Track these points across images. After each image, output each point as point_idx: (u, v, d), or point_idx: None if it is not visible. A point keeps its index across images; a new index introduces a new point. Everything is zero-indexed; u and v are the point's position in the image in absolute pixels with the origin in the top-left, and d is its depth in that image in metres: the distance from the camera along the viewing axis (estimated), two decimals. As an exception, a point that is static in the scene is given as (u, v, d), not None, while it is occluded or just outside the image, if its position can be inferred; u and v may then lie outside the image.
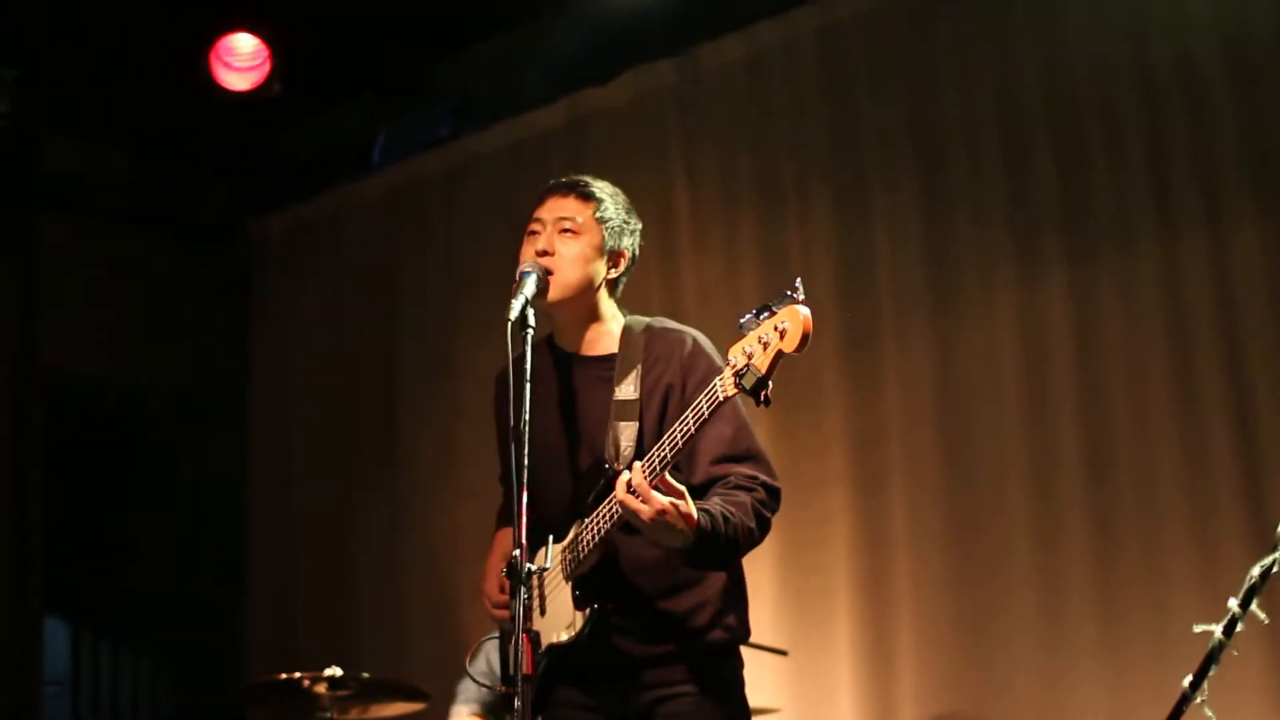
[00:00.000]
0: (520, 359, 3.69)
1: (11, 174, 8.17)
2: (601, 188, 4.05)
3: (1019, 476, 6.42)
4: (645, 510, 3.53)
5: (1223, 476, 5.95)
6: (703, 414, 3.52)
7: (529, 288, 3.81)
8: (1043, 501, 6.35)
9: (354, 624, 8.40)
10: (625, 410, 3.89)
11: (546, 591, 3.92)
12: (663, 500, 3.54)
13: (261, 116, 8.50)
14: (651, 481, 3.55)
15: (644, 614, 3.88)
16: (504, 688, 3.98)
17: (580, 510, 3.85)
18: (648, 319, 4.09)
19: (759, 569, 5.53)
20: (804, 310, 3.34)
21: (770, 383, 3.39)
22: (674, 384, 3.89)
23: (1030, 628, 6.32)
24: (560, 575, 3.89)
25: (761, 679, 6.51)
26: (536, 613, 3.91)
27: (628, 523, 3.68)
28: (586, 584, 3.83)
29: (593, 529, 3.78)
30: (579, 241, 3.96)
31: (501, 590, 3.99)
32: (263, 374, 9.32)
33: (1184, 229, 6.13)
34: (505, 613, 3.90)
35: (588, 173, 4.16)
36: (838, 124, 7.09)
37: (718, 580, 3.93)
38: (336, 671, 6.20)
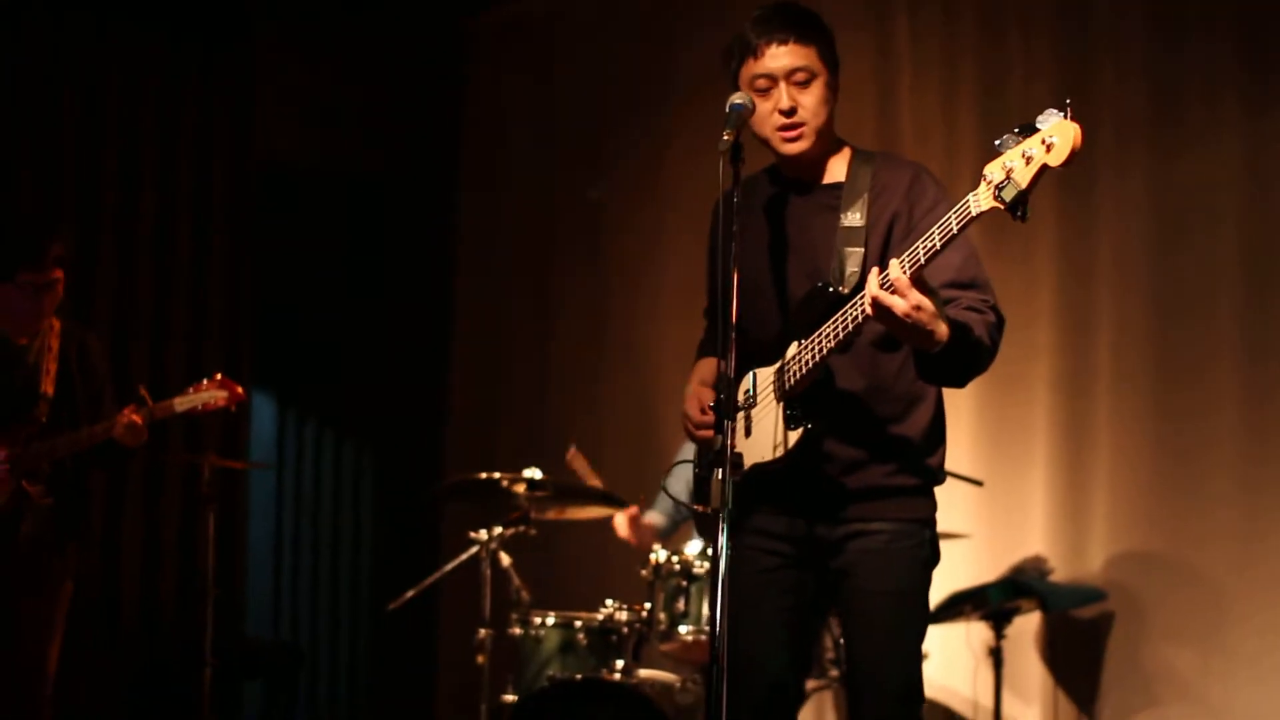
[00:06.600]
0: (730, 193, 3.63)
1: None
2: (811, 19, 3.94)
3: (1231, 319, 6.31)
4: (900, 305, 3.48)
5: None
6: (951, 230, 3.43)
7: (737, 119, 3.71)
8: (1255, 351, 6.25)
9: (553, 429, 8.47)
10: (851, 236, 3.85)
11: (753, 414, 3.92)
12: (919, 296, 3.49)
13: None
14: (909, 277, 3.49)
15: (851, 442, 3.87)
16: (700, 506, 4.02)
17: (797, 332, 3.82)
18: (874, 151, 4.05)
19: (959, 398, 5.50)
20: (1075, 126, 3.27)
21: (1029, 198, 3.32)
22: (900, 212, 3.84)
23: (1231, 472, 6.25)
24: (770, 396, 3.87)
25: (954, 506, 6.53)
26: (741, 435, 3.90)
27: (844, 346, 3.69)
28: (798, 404, 3.81)
29: (813, 348, 3.75)
30: (816, 87, 3.88)
31: (703, 412, 4.00)
32: (472, 169, 9.38)
33: None
34: (707, 432, 3.87)
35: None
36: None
37: (922, 418, 3.93)
38: (536, 474, 6.32)
